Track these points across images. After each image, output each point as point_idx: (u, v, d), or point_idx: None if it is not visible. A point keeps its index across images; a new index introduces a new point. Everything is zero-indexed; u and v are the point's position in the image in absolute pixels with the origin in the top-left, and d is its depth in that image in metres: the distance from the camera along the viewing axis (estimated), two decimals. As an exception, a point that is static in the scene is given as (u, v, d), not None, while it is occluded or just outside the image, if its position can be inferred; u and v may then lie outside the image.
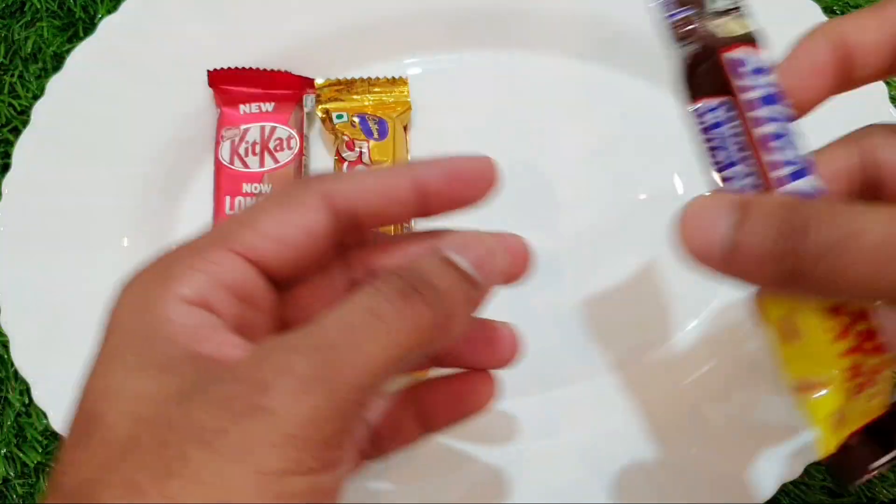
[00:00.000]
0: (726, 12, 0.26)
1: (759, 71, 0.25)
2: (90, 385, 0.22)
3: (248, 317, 0.24)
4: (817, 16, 0.42)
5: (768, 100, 0.25)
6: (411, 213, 0.26)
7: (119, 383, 0.21)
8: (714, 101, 0.25)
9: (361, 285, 0.22)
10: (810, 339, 0.24)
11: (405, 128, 0.45)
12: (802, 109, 0.25)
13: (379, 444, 0.28)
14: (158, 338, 0.22)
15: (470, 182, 0.26)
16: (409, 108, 0.45)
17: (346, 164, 0.42)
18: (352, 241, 0.27)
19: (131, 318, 0.23)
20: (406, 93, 0.45)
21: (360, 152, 0.42)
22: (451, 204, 0.26)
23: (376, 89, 0.45)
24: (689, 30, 0.26)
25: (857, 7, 0.48)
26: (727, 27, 0.26)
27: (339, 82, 0.45)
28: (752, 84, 0.25)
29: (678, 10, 0.26)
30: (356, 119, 0.43)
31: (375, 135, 0.43)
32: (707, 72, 0.25)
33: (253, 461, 0.19)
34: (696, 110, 0.25)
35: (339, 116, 0.44)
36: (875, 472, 0.24)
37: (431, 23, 0.45)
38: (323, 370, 0.20)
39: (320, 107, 0.44)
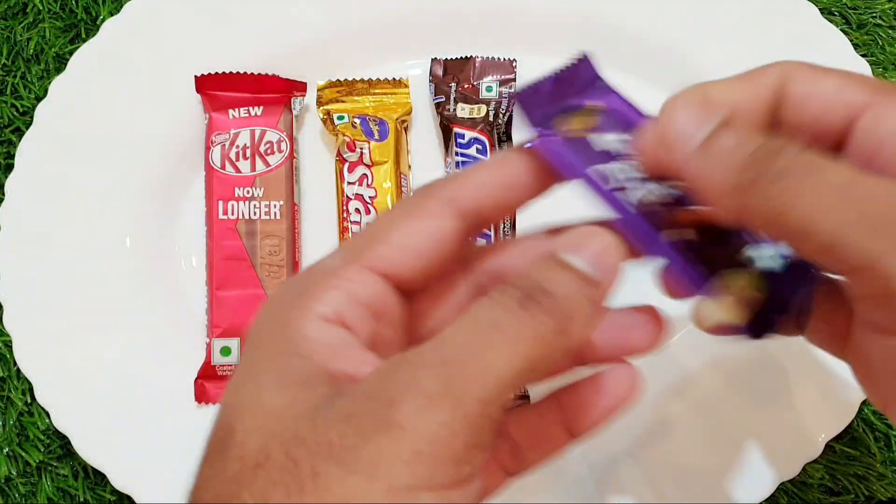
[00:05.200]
0: (478, 102, 0.44)
1: (472, 142, 0.42)
2: (226, 401, 0.22)
3: (381, 332, 0.24)
4: (815, 17, 0.43)
5: (464, 165, 0.42)
6: (531, 194, 0.26)
7: (251, 400, 0.21)
8: (448, 159, 0.44)
9: (479, 298, 0.22)
10: None
11: (406, 129, 0.45)
12: (666, 175, 0.25)
13: (522, 457, 0.27)
14: (294, 355, 0.22)
15: None
16: (410, 110, 0.45)
17: (346, 164, 0.42)
18: (473, 247, 0.27)
19: (269, 335, 0.23)
20: (407, 94, 0.45)
21: (361, 153, 0.43)
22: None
23: (377, 90, 0.45)
24: (443, 108, 0.44)
25: (854, 9, 0.48)
26: (469, 111, 0.44)
27: (340, 83, 0.45)
28: (460, 152, 0.43)
29: (437, 96, 0.45)
30: (357, 120, 0.44)
31: (376, 136, 0.43)
32: (447, 136, 0.44)
33: (384, 477, 0.19)
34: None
35: (340, 118, 0.44)
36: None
37: (432, 24, 0.45)
38: (448, 385, 0.20)
39: (321, 108, 0.45)
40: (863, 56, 0.43)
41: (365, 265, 0.24)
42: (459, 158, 0.42)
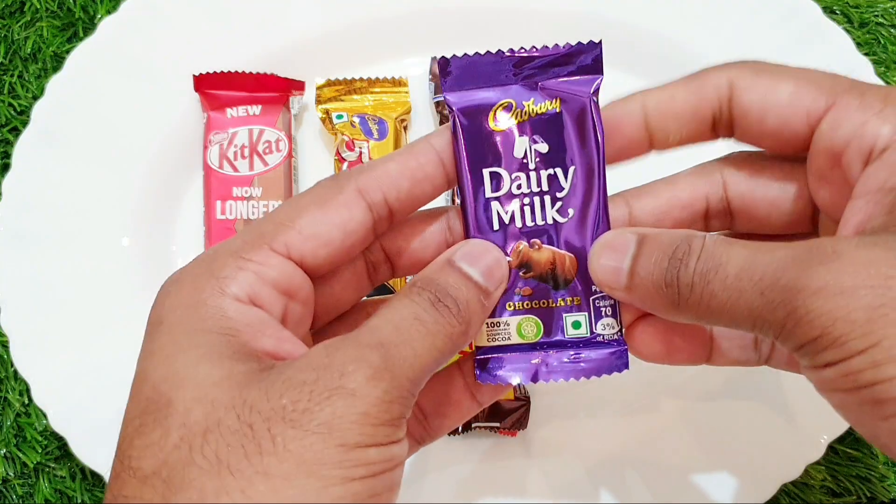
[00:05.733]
0: None
1: None
2: (150, 374, 0.23)
3: (291, 309, 0.26)
4: (817, 16, 0.42)
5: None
6: (441, 188, 0.28)
7: (186, 372, 0.23)
8: None
9: (397, 294, 0.26)
10: None
11: (405, 128, 0.45)
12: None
13: (429, 425, 0.30)
14: (216, 332, 0.24)
15: None
16: (410, 109, 0.45)
17: (345, 163, 0.42)
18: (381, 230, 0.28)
19: (186, 313, 0.24)
20: (406, 93, 0.45)
21: (360, 152, 0.42)
22: None
23: (376, 89, 0.45)
24: (443, 107, 0.40)
25: (856, 7, 0.48)
26: None
27: (339, 82, 0.45)
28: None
29: (436, 95, 0.43)
30: (356, 119, 0.43)
31: (375, 135, 0.43)
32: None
33: (336, 435, 0.22)
34: None
35: (339, 117, 0.44)
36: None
37: (432, 23, 0.45)
38: (387, 362, 0.23)
39: (320, 107, 0.44)
40: (864, 55, 0.43)
41: (273, 249, 0.25)
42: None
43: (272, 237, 0.26)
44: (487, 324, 0.28)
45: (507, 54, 0.28)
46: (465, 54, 0.28)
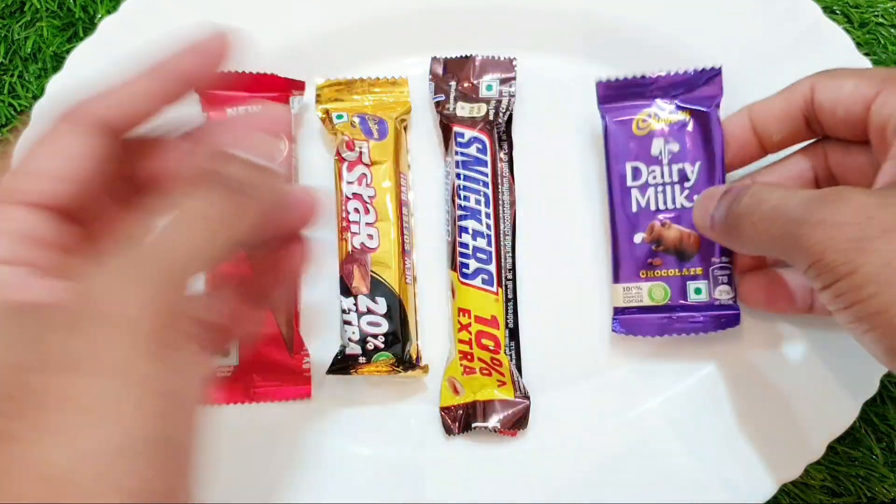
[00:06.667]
0: (478, 101, 0.43)
1: (472, 141, 0.41)
2: None
3: (61, 258, 0.25)
4: (817, 16, 0.42)
5: (464, 164, 0.41)
6: (160, 100, 0.28)
7: None
8: (447, 158, 0.43)
9: (165, 196, 0.25)
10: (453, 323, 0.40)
11: (405, 128, 0.45)
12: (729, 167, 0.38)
13: (220, 338, 0.28)
14: None
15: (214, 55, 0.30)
16: (410, 109, 0.45)
17: (345, 163, 0.42)
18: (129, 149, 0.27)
19: None
20: (406, 93, 0.45)
21: (360, 152, 0.42)
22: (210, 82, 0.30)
23: (376, 89, 0.45)
24: (443, 107, 0.43)
25: (856, 7, 0.48)
26: (469, 110, 0.42)
27: (339, 82, 0.45)
28: (460, 151, 0.41)
29: (436, 95, 0.44)
30: (356, 119, 0.43)
31: (375, 135, 0.43)
32: (447, 135, 0.43)
33: (116, 369, 0.21)
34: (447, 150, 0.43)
35: (339, 116, 0.44)
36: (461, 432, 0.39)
37: (432, 22, 0.45)
38: (153, 273, 0.22)
39: (320, 107, 0.44)
40: (865, 55, 0.43)
41: (18, 202, 0.25)
42: (459, 157, 0.42)
43: (12, 191, 0.25)
44: (623, 287, 0.38)
45: (650, 77, 0.38)
46: (619, 78, 0.39)
